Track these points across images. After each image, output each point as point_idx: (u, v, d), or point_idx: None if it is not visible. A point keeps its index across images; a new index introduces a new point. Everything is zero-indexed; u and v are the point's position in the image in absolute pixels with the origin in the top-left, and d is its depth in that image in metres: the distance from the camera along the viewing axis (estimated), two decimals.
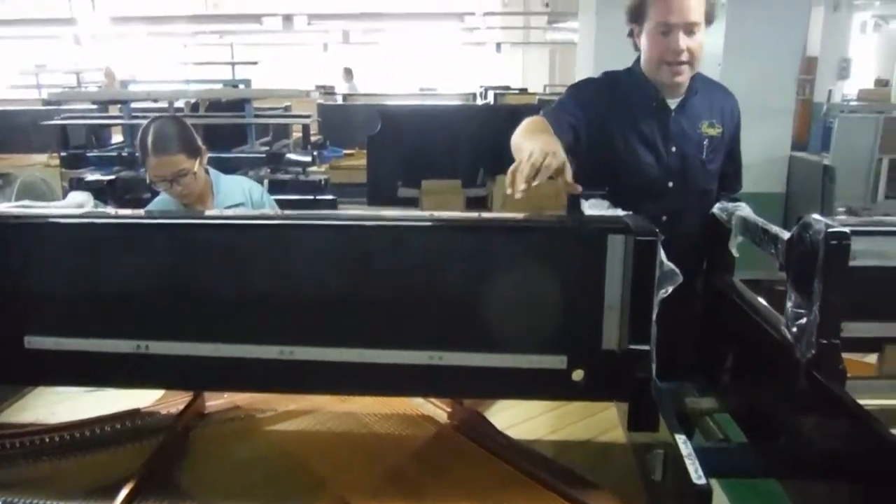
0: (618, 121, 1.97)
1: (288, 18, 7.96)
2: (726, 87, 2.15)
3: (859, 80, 13.40)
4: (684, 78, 1.93)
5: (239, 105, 4.39)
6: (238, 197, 2.35)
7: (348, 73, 12.03)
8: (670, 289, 1.35)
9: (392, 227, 1.41)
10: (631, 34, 2.01)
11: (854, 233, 1.35)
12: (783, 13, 3.43)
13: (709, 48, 3.37)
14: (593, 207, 1.76)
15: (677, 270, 1.34)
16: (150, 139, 2.15)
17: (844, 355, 1.60)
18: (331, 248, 1.41)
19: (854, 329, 1.45)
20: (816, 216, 1.38)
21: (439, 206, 3.74)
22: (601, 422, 1.54)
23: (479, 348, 1.40)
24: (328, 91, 8.96)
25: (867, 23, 12.31)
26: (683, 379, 1.94)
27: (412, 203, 3.80)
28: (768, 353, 1.53)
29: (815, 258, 1.35)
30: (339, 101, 8.06)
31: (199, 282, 1.44)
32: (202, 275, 1.45)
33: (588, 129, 1.94)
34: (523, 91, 9.94)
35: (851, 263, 1.38)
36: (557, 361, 1.40)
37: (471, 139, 3.74)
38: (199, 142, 2.25)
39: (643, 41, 1.95)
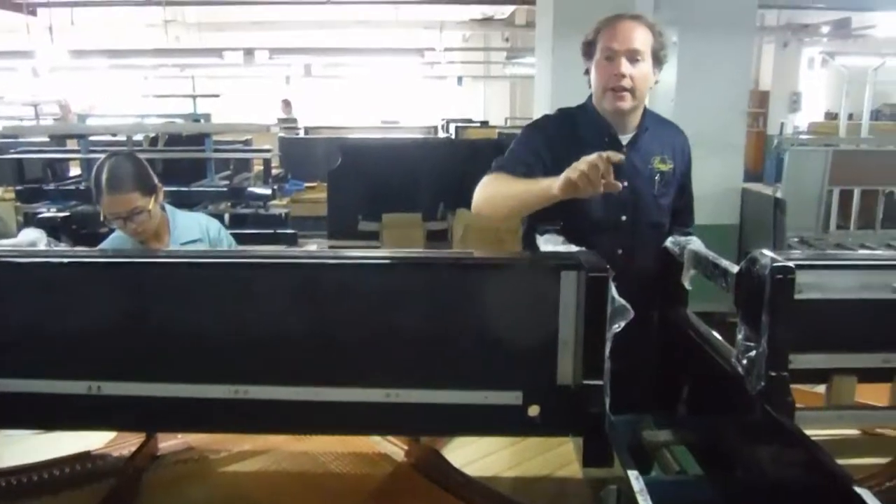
0: (571, 156, 1.99)
1: (249, 53, 7.97)
2: (677, 125, 2.20)
3: (811, 114, 13.80)
4: (626, 105, 1.97)
5: (198, 139, 4.37)
6: (195, 233, 2.33)
7: (287, 104, 12.00)
8: (622, 324, 1.37)
9: (346, 264, 1.42)
10: (587, 72, 2.06)
11: (799, 266, 1.39)
12: (732, 50, 3.53)
13: (662, 84, 3.47)
14: (548, 243, 1.79)
15: (628, 306, 1.36)
16: (104, 177, 2.13)
17: (796, 386, 1.65)
18: (285, 286, 1.41)
19: (803, 361, 1.48)
20: (763, 251, 1.41)
21: (400, 240, 3.75)
22: (558, 457, 1.54)
23: (436, 385, 1.40)
24: (289, 125, 8.96)
25: (814, 59, 12.71)
26: (642, 412, 1.96)
27: (373, 237, 3.81)
28: (721, 385, 1.55)
29: (762, 292, 1.38)
30: (301, 134, 8.06)
31: (152, 321, 1.42)
32: (155, 314, 1.43)
33: (544, 170, 1.98)
34: (484, 124, 10.07)
35: (798, 296, 1.41)
36: (513, 397, 1.40)
37: (431, 173, 3.77)
38: (155, 179, 2.24)
39: (592, 73, 2.01)
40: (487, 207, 1.99)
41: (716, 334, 1.70)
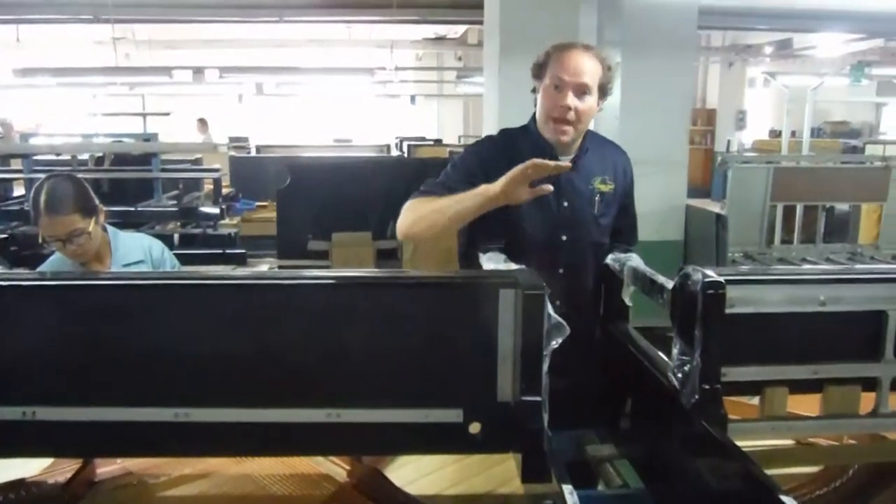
0: None
1: (199, 71, 7.90)
2: (619, 146, 2.24)
3: (756, 131, 14.18)
4: (567, 138, 2.00)
5: (146, 158, 4.32)
6: (137, 255, 2.30)
7: (203, 123, 11.70)
8: (559, 340, 1.39)
9: (286, 284, 1.42)
10: (534, 90, 2.09)
11: (730, 282, 1.43)
12: (674, 70, 3.62)
13: (607, 104, 3.54)
14: (490, 261, 1.82)
15: (564, 323, 1.39)
16: (42, 199, 2.10)
17: (736, 399, 1.70)
18: (224, 308, 1.40)
19: (737, 373, 1.51)
20: (695, 267, 1.45)
21: (349, 259, 3.75)
22: (500, 474, 1.55)
23: (378, 404, 1.41)
24: (239, 144, 8.89)
25: (756, 79, 13.09)
26: (587, 427, 2.00)
27: (323, 256, 3.80)
28: (659, 399, 1.58)
29: (695, 307, 1.42)
30: (253, 153, 8.01)
31: (90, 344, 1.41)
32: (93, 337, 1.41)
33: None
34: (438, 142, 10.12)
35: (730, 311, 1.46)
36: (454, 415, 1.41)
37: (380, 191, 3.76)
38: (96, 200, 2.21)
39: (539, 97, 2.03)
40: (418, 227, 1.96)
41: (654, 348, 1.73)
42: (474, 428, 1.42)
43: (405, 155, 8.23)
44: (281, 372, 1.41)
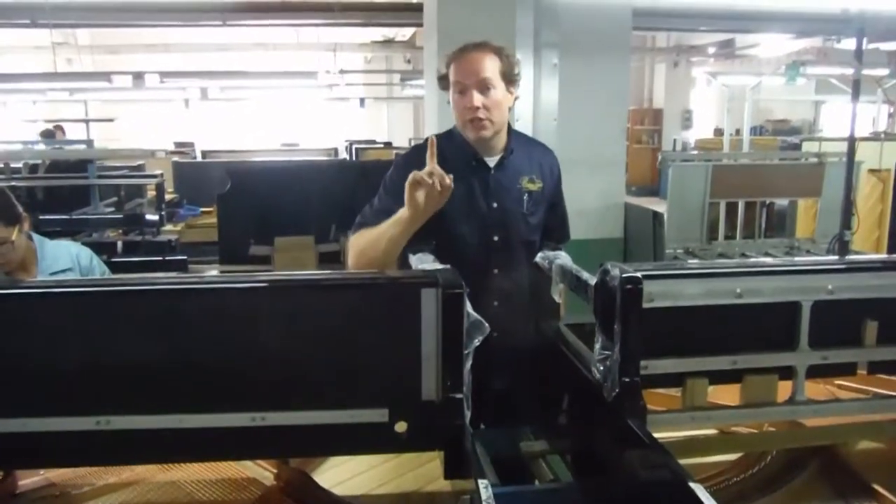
0: None
1: (139, 76, 7.76)
2: (545, 145, 2.27)
3: (702, 130, 14.48)
4: (487, 133, 2.02)
5: (82, 165, 4.23)
6: (65, 262, 2.26)
7: (60, 130, 10.77)
8: (480, 338, 1.41)
9: (207, 288, 1.41)
10: (449, 102, 2.11)
11: (647, 277, 1.46)
12: (610, 71, 3.69)
13: (546, 105, 3.60)
14: (419, 261, 1.83)
15: (483, 321, 1.40)
16: None
17: (659, 391, 1.73)
18: (144, 313, 1.39)
19: (658, 366, 1.54)
20: (614, 263, 1.49)
21: (292, 263, 3.73)
22: (428, 472, 1.57)
23: (302, 406, 1.41)
24: (181, 150, 8.75)
25: (698, 78, 13.37)
26: (523, 423, 2.02)
27: (265, 261, 3.78)
28: (586, 393, 1.61)
29: (614, 302, 1.45)
30: (199, 158, 7.90)
31: (6, 353, 1.38)
32: (9, 345, 1.38)
33: None
34: (388, 145, 10.11)
35: (649, 305, 1.49)
36: (379, 415, 1.42)
37: (322, 195, 3.75)
38: (19, 209, 2.16)
39: (451, 104, 2.05)
40: (362, 262, 1.96)
41: (582, 344, 1.76)
42: (400, 427, 1.43)
43: (353, 158, 8.21)
44: (203, 377, 1.40)
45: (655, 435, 1.51)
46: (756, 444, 1.66)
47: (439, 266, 1.70)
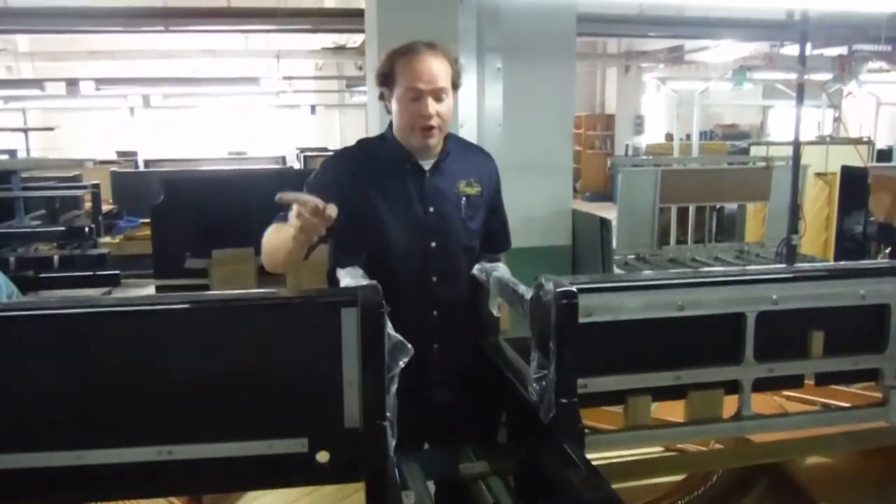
0: (373, 187, 1.95)
1: (73, 83, 7.50)
2: (483, 150, 2.19)
3: (653, 135, 14.61)
4: (435, 141, 1.94)
5: (5, 177, 4.03)
6: None
7: None
8: (405, 361, 1.31)
9: (103, 311, 1.28)
10: (381, 97, 2.01)
11: (584, 290, 1.38)
12: (555, 76, 3.62)
13: (490, 110, 3.52)
14: (347, 276, 1.72)
15: (406, 342, 1.31)
16: None
17: (602, 409, 1.65)
18: (34, 338, 1.26)
19: (598, 384, 1.46)
20: (548, 276, 1.40)
21: (230, 277, 3.59)
22: (358, 502, 1.46)
23: (213, 438, 1.29)
24: (117, 160, 8.47)
25: (647, 83, 13.50)
26: (464, 443, 1.92)
27: (202, 274, 3.62)
28: (523, 414, 1.52)
29: (549, 317, 1.36)
30: (141, 167, 7.68)
31: None
32: None
33: (341, 206, 1.91)
34: None
35: (588, 319, 1.41)
36: (299, 444, 1.32)
37: (262, 205, 3.60)
38: None
39: (394, 106, 1.95)
40: (268, 260, 1.92)
41: (521, 361, 1.67)
42: (322, 457, 1.33)
43: (303, 167, 8.07)
44: (102, 408, 1.27)
45: (597, 455, 1.43)
46: (702, 463, 1.59)
47: (365, 282, 1.60)
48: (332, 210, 1.59)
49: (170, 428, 1.29)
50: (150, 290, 3.74)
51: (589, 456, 1.38)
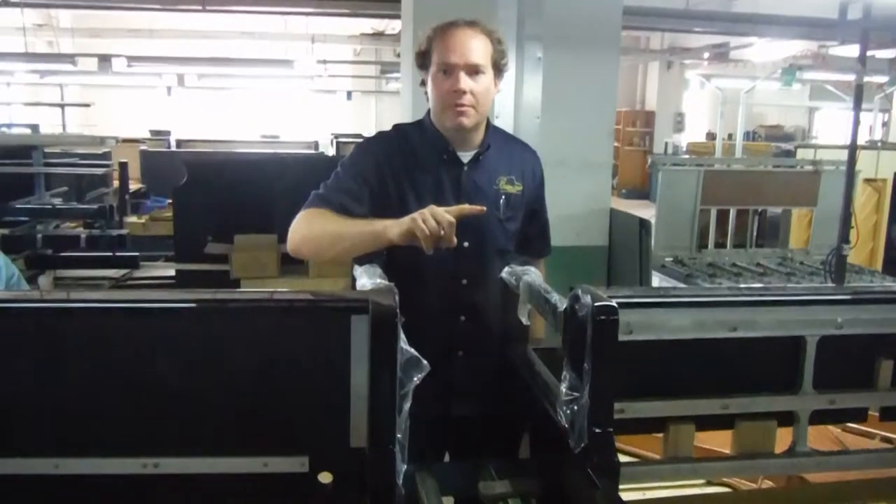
0: (405, 176, 1.80)
1: (105, 59, 7.45)
2: (527, 144, 2.02)
3: (694, 133, 14.32)
4: (469, 121, 1.77)
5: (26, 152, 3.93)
6: None
7: None
8: (420, 377, 1.17)
9: (88, 308, 1.16)
10: (423, 83, 1.86)
11: (626, 305, 1.23)
12: (597, 69, 3.44)
13: (528, 101, 3.35)
14: (364, 275, 1.58)
15: (420, 357, 1.16)
16: None
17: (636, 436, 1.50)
18: (12, 336, 1.14)
19: (638, 409, 1.31)
20: (585, 287, 1.25)
21: (251, 264, 3.48)
22: None
23: (204, 452, 1.17)
24: (143, 138, 8.40)
25: (690, 80, 13.21)
26: (486, 458, 1.77)
27: (222, 260, 3.52)
28: (552, 435, 1.37)
29: (584, 334, 1.21)
30: (173, 147, 7.64)
31: None
32: None
33: (370, 195, 1.77)
34: None
35: (628, 337, 1.25)
36: (298, 463, 1.18)
37: (287, 190, 3.48)
38: None
39: (429, 87, 1.80)
40: (309, 247, 1.77)
41: (550, 376, 1.52)
42: (324, 478, 1.19)
43: (337, 153, 7.97)
44: (84, 415, 1.15)
45: (633, 487, 1.28)
46: (750, 503, 1.43)
47: (382, 283, 1.45)
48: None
49: (156, 439, 1.17)
50: (169, 272, 3.64)
51: (623, 487, 1.23)
